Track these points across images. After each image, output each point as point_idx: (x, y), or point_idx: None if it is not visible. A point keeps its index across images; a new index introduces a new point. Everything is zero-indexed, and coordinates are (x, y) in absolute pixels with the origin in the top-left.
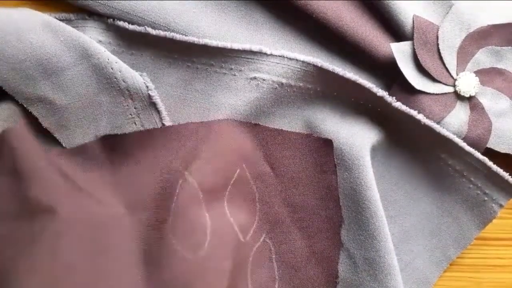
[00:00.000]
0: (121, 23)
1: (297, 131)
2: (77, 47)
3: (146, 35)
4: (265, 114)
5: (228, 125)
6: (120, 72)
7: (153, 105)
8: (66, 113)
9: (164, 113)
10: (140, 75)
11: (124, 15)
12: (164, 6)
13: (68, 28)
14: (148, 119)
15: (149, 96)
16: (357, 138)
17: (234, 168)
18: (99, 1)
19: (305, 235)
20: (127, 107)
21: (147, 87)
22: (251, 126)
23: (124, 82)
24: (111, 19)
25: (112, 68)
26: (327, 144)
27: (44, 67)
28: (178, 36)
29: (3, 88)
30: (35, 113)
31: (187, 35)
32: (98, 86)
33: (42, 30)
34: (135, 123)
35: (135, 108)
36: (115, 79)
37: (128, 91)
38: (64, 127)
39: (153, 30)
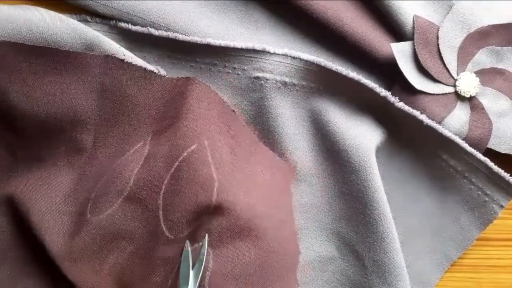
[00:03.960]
0: (123, 24)
1: (304, 133)
2: (87, 35)
3: (149, 36)
4: (272, 116)
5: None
6: (131, 58)
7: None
8: None
9: None
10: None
11: (124, 16)
12: (163, 6)
13: (75, 20)
14: None
15: None
16: (363, 139)
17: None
18: (99, 1)
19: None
20: None
21: (159, 72)
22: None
23: None
24: (114, 21)
25: (124, 54)
26: (291, 170)
27: None
28: (181, 36)
29: None
30: None
31: (188, 35)
32: None
33: (52, 20)
34: None
35: None
36: None
37: None
38: None
39: (156, 31)
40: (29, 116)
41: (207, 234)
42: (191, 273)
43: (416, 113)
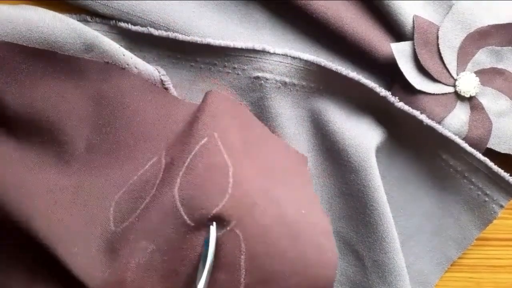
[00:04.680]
0: (123, 24)
1: (304, 133)
2: (87, 34)
3: (149, 36)
4: (272, 115)
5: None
6: (131, 58)
7: (166, 90)
8: None
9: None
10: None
11: (123, 15)
12: (163, 6)
13: (74, 20)
14: None
15: (162, 81)
16: (363, 139)
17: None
18: (99, 1)
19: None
20: None
21: (159, 72)
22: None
23: (136, 68)
24: (114, 21)
25: (123, 55)
26: (303, 159)
27: None
28: (181, 36)
29: None
30: None
31: (187, 35)
32: None
33: (51, 20)
34: None
35: None
36: (127, 65)
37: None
38: None
39: (156, 31)
40: (22, 118)
41: (214, 222)
42: (210, 252)
43: (416, 113)
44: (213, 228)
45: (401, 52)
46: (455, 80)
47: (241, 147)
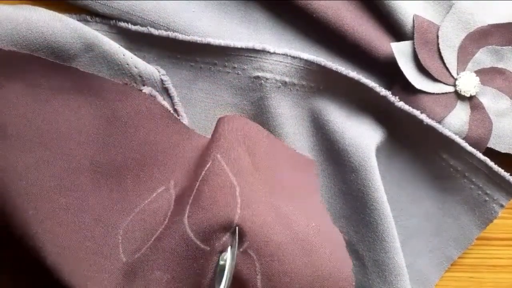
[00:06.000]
0: (123, 24)
1: (304, 133)
2: (87, 34)
3: (149, 36)
4: (272, 115)
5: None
6: (131, 58)
7: (166, 90)
8: None
9: (176, 99)
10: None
11: (123, 15)
12: (163, 6)
13: (74, 20)
14: None
15: (162, 81)
16: (363, 139)
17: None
18: (99, 1)
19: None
20: None
21: (159, 72)
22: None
23: (136, 68)
24: (114, 20)
25: (123, 55)
26: (311, 164)
27: (56, 55)
28: (181, 36)
29: None
30: None
31: (187, 35)
32: (109, 72)
33: (51, 20)
34: None
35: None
36: (127, 65)
37: (141, 76)
38: None
39: (156, 30)
40: (31, 128)
41: (234, 238)
42: (227, 268)
43: (416, 112)
44: (229, 248)
45: (401, 51)
46: (455, 79)
47: (247, 162)
